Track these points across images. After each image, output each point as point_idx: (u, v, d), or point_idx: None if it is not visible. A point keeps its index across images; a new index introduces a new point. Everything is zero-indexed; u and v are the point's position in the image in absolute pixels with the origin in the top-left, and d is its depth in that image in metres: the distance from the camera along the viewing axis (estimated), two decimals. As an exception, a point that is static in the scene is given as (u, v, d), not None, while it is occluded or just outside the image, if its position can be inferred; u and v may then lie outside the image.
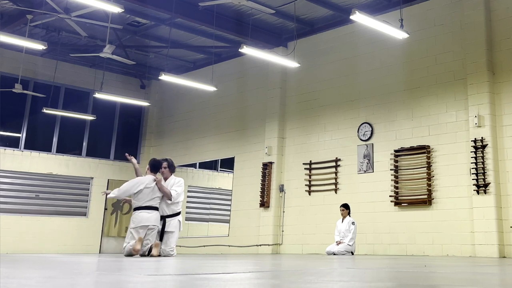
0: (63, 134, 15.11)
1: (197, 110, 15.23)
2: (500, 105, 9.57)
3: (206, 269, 4.00)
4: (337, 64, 12.12)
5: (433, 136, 10.26)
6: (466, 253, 9.40)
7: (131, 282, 2.76)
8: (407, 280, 3.00)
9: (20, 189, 14.20)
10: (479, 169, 9.37)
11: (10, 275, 3.14)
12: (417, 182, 10.31)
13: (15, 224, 13.81)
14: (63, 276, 3.16)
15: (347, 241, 9.99)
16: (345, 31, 12.03)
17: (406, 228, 10.26)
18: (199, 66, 15.29)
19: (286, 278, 3.19)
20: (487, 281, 3.02)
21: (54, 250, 14.05)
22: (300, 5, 11.41)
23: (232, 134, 14.11)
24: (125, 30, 13.05)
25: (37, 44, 10.13)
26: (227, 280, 2.97)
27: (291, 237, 12.13)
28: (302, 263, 5.60)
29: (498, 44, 9.80)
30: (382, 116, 11.11)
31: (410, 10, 10.64)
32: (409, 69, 10.87)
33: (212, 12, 11.42)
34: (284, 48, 12.87)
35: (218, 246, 13.48)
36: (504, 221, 9.15)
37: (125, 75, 16.27)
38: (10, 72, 14.01)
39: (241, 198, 13.44)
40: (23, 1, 11.59)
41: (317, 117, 12.23)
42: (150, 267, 4.31)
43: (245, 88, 14.05)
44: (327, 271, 3.82)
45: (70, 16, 10.64)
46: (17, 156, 14.23)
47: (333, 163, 11.69)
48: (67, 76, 15.11)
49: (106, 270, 3.89)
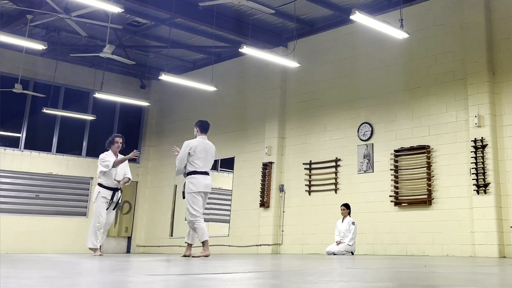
0: (63, 134, 15.10)
1: (197, 110, 15.22)
2: (500, 105, 9.57)
3: (206, 269, 4.00)
4: (337, 64, 12.11)
5: (433, 136, 10.26)
6: (466, 253, 9.40)
7: (131, 282, 2.76)
8: (407, 280, 2.99)
9: (20, 189, 14.19)
10: (479, 169, 9.37)
11: (10, 275, 3.14)
12: (417, 182, 10.30)
13: (15, 224, 13.80)
14: (63, 276, 3.16)
15: (347, 241, 10.00)
16: (345, 31, 12.03)
17: (406, 228, 10.26)
18: (199, 66, 15.29)
19: (286, 278, 3.19)
20: (487, 281, 3.02)
21: (54, 250, 14.04)
22: (300, 5, 11.41)
23: (232, 134, 14.11)
24: (125, 30, 13.05)
25: (37, 44, 10.12)
26: (227, 280, 2.97)
27: (291, 237, 12.12)
28: (302, 263, 5.60)
29: (498, 44, 9.80)
30: (382, 116, 11.11)
31: (410, 10, 10.64)
32: (409, 69, 10.86)
33: (212, 12, 11.42)
34: (284, 48, 12.87)
35: (218, 246, 13.47)
36: (504, 221, 9.15)
37: (125, 75, 16.26)
38: (10, 72, 14.00)
39: (241, 198, 13.44)
40: (23, 1, 11.59)
41: (317, 117, 12.23)
42: (150, 267, 4.31)
43: (245, 88, 14.05)
44: (327, 271, 3.82)
45: (70, 16, 10.63)
46: (17, 156, 14.23)
47: (333, 163, 11.69)
48: (67, 76, 15.11)
49: (106, 270, 3.89)
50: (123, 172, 8.64)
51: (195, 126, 7.83)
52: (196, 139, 7.65)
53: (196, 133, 7.74)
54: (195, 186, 7.41)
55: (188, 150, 7.45)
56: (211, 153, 7.62)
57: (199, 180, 7.43)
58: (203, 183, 7.44)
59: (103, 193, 8.43)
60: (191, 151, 7.44)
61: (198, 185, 7.41)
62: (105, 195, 8.43)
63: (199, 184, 7.42)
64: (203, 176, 7.48)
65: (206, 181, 7.49)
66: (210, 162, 7.60)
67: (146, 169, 16.35)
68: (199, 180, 7.44)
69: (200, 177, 7.45)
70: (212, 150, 7.64)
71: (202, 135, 7.71)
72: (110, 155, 8.50)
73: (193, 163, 7.43)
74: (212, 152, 7.65)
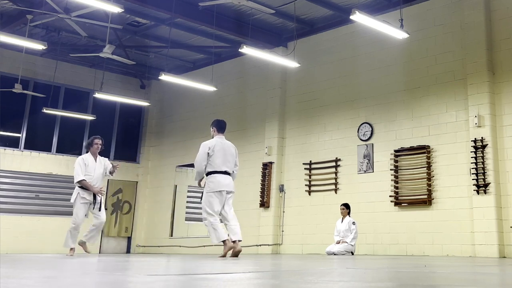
0: (63, 134, 15.11)
1: (197, 110, 15.22)
2: (500, 105, 9.57)
3: (206, 269, 4.00)
4: (337, 64, 12.11)
5: (433, 136, 10.26)
6: (466, 253, 9.40)
7: (131, 282, 2.76)
8: (407, 280, 2.99)
9: (20, 189, 14.19)
10: (479, 169, 9.37)
11: (10, 275, 3.14)
12: (417, 182, 10.30)
13: (15, 224, 13.80)
14: (63, 276, 3.16)
15: (349, 241, 9.99)
16: (345, 31, 12.03)
17: (406, 228, 10.26)
18: (199, 66, 15.29)
19: (286, 278, 3.19)
20: (487, 281, 3.02)
21: (54, 250, 14.04)
22: (300, 5, 11.41)
23: (232, 134, 14.08)
24: (125, 30, 13.05)
25: (37, 44, 10.12)
26: (227, 280, 2.97)
27: (291, 237, 12.12)
28: (302, 263, 5.60)
29: (498, 44, 9.79)
30: (382, 116, 11.11)
31: (410, 10, 10.64)
32: (409, 69, 10.86)
33: (212, 12, 11.42)
34: (284, 48, 12.87)
35: (218, 246, 13.47)
36: (504, 221, 9.15)
37: (125, 75, 16.26)
38: (10, 72, 14.00)
39: (241, 198, 13.41)
40: (23, 1, 11.59)
41: (317, 117, 12.23)
42: (150, 267, 4.31)
43: (245, 88, 14.05)
44: (327, 271, 3.82)
45: (70, 16, 10.63)
46: (17, 156, 14.23)
47: (333, 163, 11.69)
48: (67, 76, 15.11)
49: (106, 270, 3.89)
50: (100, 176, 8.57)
51: (211, 126, 7.73)
52: (213, 139, 7.56)
53: (213, 132, 7.65)
54: (213, 185, 7.33)
55: (207, 150, 7.36)
56: (231, 152, 7.51)
57: (219, 179, 7.34)
58: (223, 183, 7.35)
59: (82, 194, 8.38)
60: (209, 151, 7.35)
61: (217, 185, 7.32)
62: (84, 196, 8.37)
63: (219, 184, 7.33)
64: (223, 176, 7.39)
65: (227, 180, 7.39)
66: (231, 162, 7.48)
67: (146, 169, 16.35)
68: (219, 179, 7.35)
69: (220, 177, 7.36)
70: (231, 149, 7.54)
71: (219, 134, 7.61)
72: (88, 157, 8.50)
73: (212, 163, 7.34)
74: (232, 151, 7.54)
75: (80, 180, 8.31)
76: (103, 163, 8.63)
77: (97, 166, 8.53)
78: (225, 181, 7.38)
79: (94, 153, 8.58)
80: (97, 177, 8.49)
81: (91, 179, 8.39)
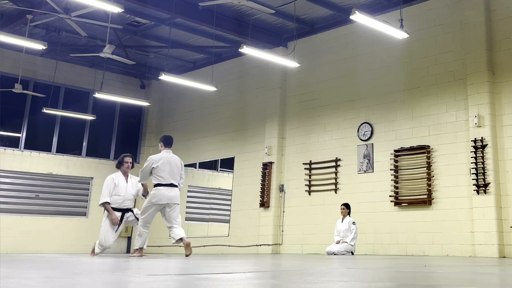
0: (63, 134, 15.11)
1: (197, 110, 15.22)
2: (500, 105, 9.57)
3: (206, 269, 4.00)
4: (337, 64, 12.11)
5: (433, 136, 10.26)
6: (466, 253, 9.40)
7: (131, 282, 2.76)
8: (407, 280, 3.00)
9: (20, 189, 14.19)
10: (479, 169, 9.37)
11: (10, 275, 3.14)
12: (417, 182, 10.30)
13: (15, 224, 13.80)
14: (63, 276, 3.16)
15: (349, 241, 10.00)
16: (345, 31, 12.03)
17: (406, 228, 10.26)
18: (199, 66, 15.29)
19: (286, 278, 3.19)
20: (487, 281, 3.02)
21: (54, 250, 14.05)
22: (300, 5, 11.41)
23: (232, 134, 14.11)
24: (125, 30, 13.05)
25: (37, 44, 10.12)
26: (227, 280, 2.97)
27: (291, 237, 12.12)
28: (302, 263, 5.60)
29: (498, 44, 9.80)
30: (382, 116, 11.11)
31: (410, 10, 10.64)
32: (409, 69, 10.87)
33: (212, 12, 11.42)
34: (284, 48, 12.87)
35: (218, 246, 13.48)
36: (504, 221, 9.15)
37: (125, 75, 16.26)
38: (10, 72, 14.00)
39: (241, 198, 13.44)
40: (23, 1, 11.59)
41: (317, 117, 12.23)
42: (150, 267, 4.31)
43: (245, 88, 14.05)
44: (327, 271, 3.82)
45: (70, 16, 10.63)
46: (17, 156, 14.23)
47: (333, 163, 11.69)
48: (67, 76, 15.11)
49: (106, 270, 3.89)
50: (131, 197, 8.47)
51: (159, 141, 8.17)
52: (160, 153, 7.92)
53: (161, 147, 8.05)
54: (156, 199, 7.67)
55: (152, 164, 7.74)
56: (176, 166, 7.86)
57: (163, 192, 7.67)
58: (166, 195, 7.68)
59: None
60: (154, 165, 7.72)
61: (160, 198, 7.66)
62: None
63: (162, 197, 7.66)
64: (168, 188, 7.72)
65: (172, 193, 7.72)
66: (177, 174, 7.84)
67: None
68: (163, 192, 7.68)
69: (165, 189, 7.70)
70: (177, 163, 7.90)
71: (166, 149, 8.01)
72: (119, 177, 8.31)
73: (157, 176, 7.70)
74: (178, 165, 7.90)
75: (104, 203, 8.11)
76: (135, 184, 8.40)
77: (129, 187, 8.33)
78: (170, 194, 7.71)
79: (125, 172, 8.39)
80: (127, 198, 8.33)
81: (121, 199, 8.24)
